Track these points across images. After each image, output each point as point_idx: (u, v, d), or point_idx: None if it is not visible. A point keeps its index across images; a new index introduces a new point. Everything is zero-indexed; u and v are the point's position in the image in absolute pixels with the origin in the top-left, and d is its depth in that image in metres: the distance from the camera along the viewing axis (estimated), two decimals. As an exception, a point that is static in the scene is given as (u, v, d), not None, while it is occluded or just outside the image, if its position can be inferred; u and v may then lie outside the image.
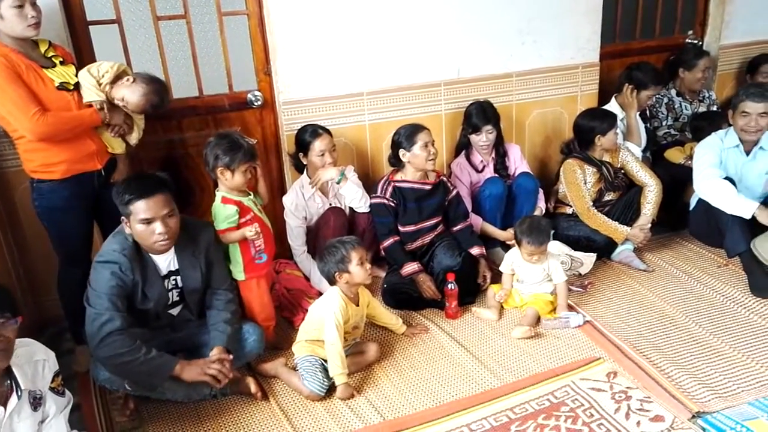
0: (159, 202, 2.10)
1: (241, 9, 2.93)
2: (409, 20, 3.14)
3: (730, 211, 2.85)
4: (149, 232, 2.11)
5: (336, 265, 2.38)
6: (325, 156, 2.92)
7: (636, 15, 3.83)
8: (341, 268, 2.38)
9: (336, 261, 2.38)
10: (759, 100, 2.89)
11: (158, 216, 2.10)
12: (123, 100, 2.38)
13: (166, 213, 2.12)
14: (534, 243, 2.69)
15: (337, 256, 2.38)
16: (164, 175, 2.22)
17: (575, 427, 2.10)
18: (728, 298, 2.83)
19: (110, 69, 2.36)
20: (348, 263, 2.37)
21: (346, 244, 2.41)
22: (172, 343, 2.35)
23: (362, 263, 2.39)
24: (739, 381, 2.28)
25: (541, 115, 3.60)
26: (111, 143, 2.47)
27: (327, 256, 2.42)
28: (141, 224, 2.10)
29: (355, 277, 2.39)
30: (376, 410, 2.26)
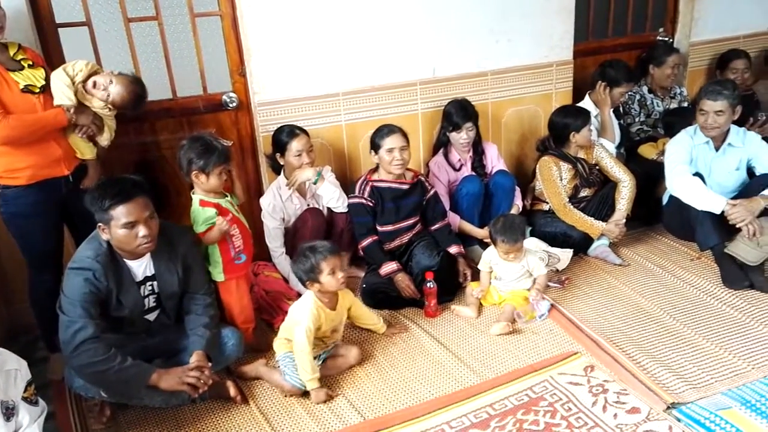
0: (140, 205, 2.09)
1: (213, 10, 2.91)
2: (384, 20, 3.14)
3: (701, 207, 2.90)
4: (132, 236, 2.08)
5: (306, 274, 2.34)
6: (303, 156, 2.91)
7: (608, 13, 3.88)
8: (311, 278, 2.34)
9: (306, 270, 2.34)
10: (715, 98, 2.94)
11: (141, 219, 2.08)
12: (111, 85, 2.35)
13: (147, 215, 2.11)
14: (508, 242, 2.72)
15: (306, 265, 2.34)
16: (137, 177, 2.19)
17: (554, 422, 2.12)
18: (701, 290, 2.88)
19: (84, 67, 2.34)
20: (319, 273, 2.32)
21: (317, 254, 2.34)
22: (149, 349, 2.32)
23: (334, 272, 2.33)
24: (713, 372, 2.32)
25: (517, 113, 3.63)
26: (81, 148, 2.43)
27: (298, 262, 2.38)
28: (124, 229, 2.07)
29: (327, 287, 2.36)
30: (356, 410, 2.26)
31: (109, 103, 2.40)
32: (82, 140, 2.42)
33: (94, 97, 2.38)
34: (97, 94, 2.38)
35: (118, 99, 2.40)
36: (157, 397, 2.22)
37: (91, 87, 2.36)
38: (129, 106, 2.45)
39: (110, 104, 2.41)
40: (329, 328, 2.41)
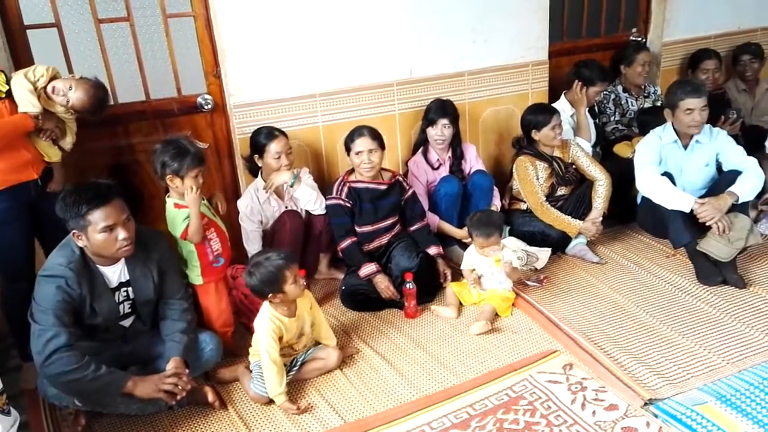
0: (117, 208, 2.06)
1: (186, 11, 2.87)
2: (361, 20, 3.14)
3: (670, 207, 2.94)
4: (112, 239, 2.05)
5: (270, 286, 2.26)
6: (282, 158, 2.89)
7: (582, 14, 3.92)
8: (275, 289, 2.27)
9: (269, 282, 2.25)
10: (698, 95, 2.97)
11: (119, 221, 2.05)
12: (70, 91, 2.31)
13: (125, 217, 2.08)
14: (482, 235, 2.74)
15: (269, 277, 2.25)
16: (109, 180, 2.14)
17: (533, 420, 2.13)
18: (676, 287, 2.92)
19: (45, 72, 2.30)
20: (283, 283, 2.27)
21: (279, 265, 2.26)
22: (125, 356, 2.29)
23: (296, 280, 2.30)
24: (689, 367, 2.35)
25: (494, 113, 3.65)
26: (46, 151, 2.40)
27: (257, 275, 2.27)
28: (103, 233, 2.03)
29: (290, 296, 2.32)
30: (336, 413, 2.25)
31: (70, 108, 2.37)
32: (47, 144, 2.39)
33: (54, 102, 2.34)
34: (57, 99, 2.34)
35: (78, 104, 2.37)
36: (133, 405, 2.18)
37: (50, 92, 2.33)
38: (90, 111, 2.41)
39: (71, 109, 2.37)
40: (293, 335, 2.38)
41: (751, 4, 4.24)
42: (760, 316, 2.64)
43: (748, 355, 2.39)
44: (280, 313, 2.33)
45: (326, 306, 2.99)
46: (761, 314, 2.66)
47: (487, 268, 2.83)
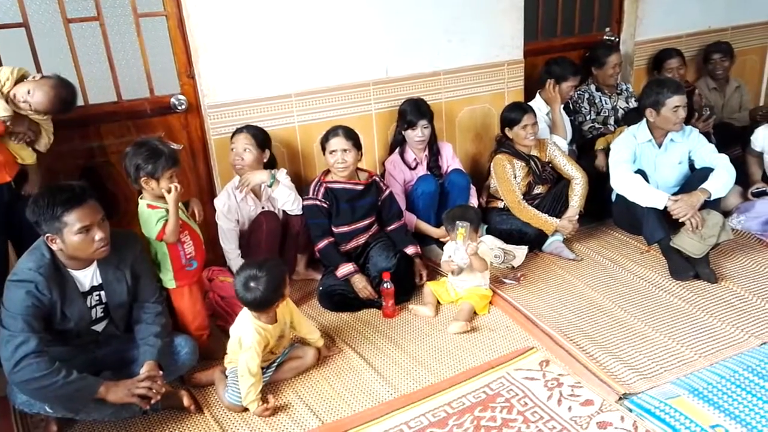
0: (92, 209, 2.03)
1: (158, 10, 2.83)
2: (336, 20, 3.13)
3: (644, 204, 2.98)
4: (88, 241, 2.02)
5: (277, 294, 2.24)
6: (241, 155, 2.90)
7: (556, 13, 3.96)
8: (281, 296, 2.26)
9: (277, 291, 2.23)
10: (682, 92, 3.02)
11: (95, 222, 2.02)
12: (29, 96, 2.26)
13: (100, 218, 2.05)
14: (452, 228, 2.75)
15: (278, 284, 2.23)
16: (81, 182, 2.10)
17: (510, 417, 2.14)
18: (650, 282, 2.96)
19: (11, 75, 2.25)
20: (285, 289, 2.26)
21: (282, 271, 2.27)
22: (98, 362, 2.24)
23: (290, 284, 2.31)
24: (662, 361, 2.39)
25: (471, 112, 3.66)
26: (20, 154, 2.35)
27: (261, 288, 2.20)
28: (79, 234, 1.99)
29: (285, 299, 2.32)
30: (314, 414, 2.24)
31: (35, 111, 2.32)
32: (20, 146, 2.34)
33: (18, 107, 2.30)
34: (21, 105, 2.29)
35: (41, 107, 2.33)
36: (106, 411, 2.14)
37: (13, 98, 2.28)
38: (55, 111, 2.37)
39: (35, 111, 2.32)
40: (276, 336, 2.36)
41: (721, 3, 4.31)
42: (731, 309, 2.69)
43: (719, 349, 2.43)
44: (264, 321, 2.30)
45: (304, 307, 2.97)
46: (732, 308, 2.70)
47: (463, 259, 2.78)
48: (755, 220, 3.35)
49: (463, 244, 2.72)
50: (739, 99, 4.28)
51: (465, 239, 2.71)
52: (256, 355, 2.23)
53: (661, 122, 3.08)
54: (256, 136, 2.95)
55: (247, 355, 2.23)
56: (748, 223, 3.37)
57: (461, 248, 2.73)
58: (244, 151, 2.90)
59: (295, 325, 2.48)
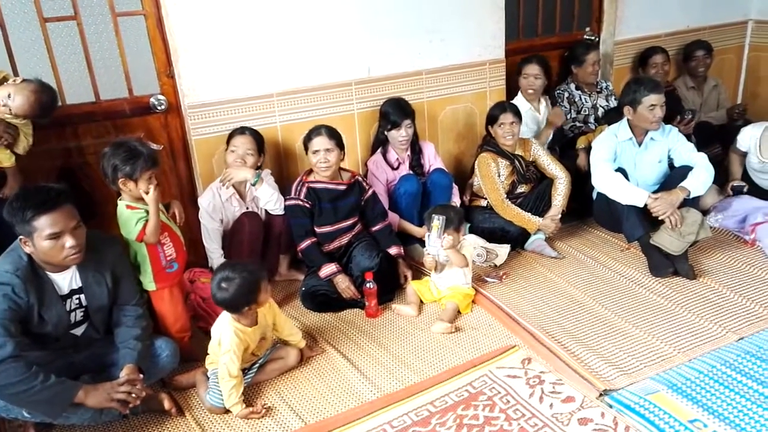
0: (65, 214, 1.98)
1: (137, 9, 2.80)
2: (317, 19, 3.12)
3: (625, 202, 3.02)
4: (59, 247, 1.98)
5: (247, 298, 2.21)
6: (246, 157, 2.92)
7: (537, 13, 3.98)
8: (253, 300, 2.23)
9: (248, 293, 2.21)
10: (659, 91, 3.06)
11: (67, 229, 1.98)
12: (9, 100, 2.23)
13: (73, 225, 2.00)
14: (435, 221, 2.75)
15: (250, 288, 2.21)
16: (60, 185, 2.06)
17: (493, 415, 2.15)
18: (630, 279, 3.00)
19: None
20: (259, 293, 2.23)
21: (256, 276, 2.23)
22: (77, 366, 2.21)
23: (267, 289, 2.28)
24: (642, 357, 2.41)
25: (453, 111, 3.67)
26: None
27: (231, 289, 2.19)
28: (49, 240, 1.95)
29: (262, 304, 2.30)
30: (297, 415, 2.23)
31: (14, 115, 2.28)
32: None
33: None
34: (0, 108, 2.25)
35: (21, 112, 2.29)
36: (85, 415, 2.11)
37: None
38: (35, 116, 2.33)
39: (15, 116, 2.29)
40: (256, 338, 2.35)
41: (698, 3, 4.37)
42: (709, 305, 2.73)
43: (698, 344, 2.46)
44: (244, 324, 2.28)
45: (287, 307, 2.96)
46: (710, 304, 2.74)
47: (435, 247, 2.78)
48: (732, 218, 3.40)
49: (438, 237, 2.72)
50: (716, 98, 4.34)
51: (439, 230, 2.70)
52: (235, 357, 2.22)
53: (638, 120, 3.11)
54: (257, 140, 2.96)
55: (225, 357, 2.22)
56: (725, 221, 3.42)
57: (435, 239, 2.73)
58: (246, 155, 2.89)
59: (277, 327, 2.47)
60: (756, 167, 3.49)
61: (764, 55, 4.64)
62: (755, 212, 3.30)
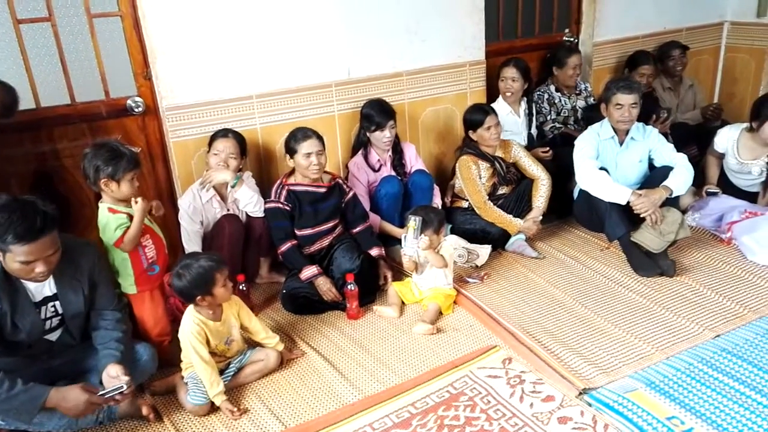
0: (45, 245, 1.92)
1: (113, 10, 2.77)
2: (297, 21, 3.11)
3: (608, 199, 3.04)
4: (28, 270, 1.94)
5: (199, 288, 2.22)
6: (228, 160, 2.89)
7: (517, 14, 4.00)
8: (205, 291, 2.23)
9: (199, 284, 2.21)
10: (629, 92, 3.10)
11: (42, 257, 1.93)
12: None
13: (50, 253, 1.95)
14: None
15: (200, 279, 2.21)
16: (51, 209, 1.96)
17: (473, 415, 2.15)
18: (610, 279, 3.02)
19: None
20: (213, 286, 2.24)
21: (210, 267, 2.23)
22: (52, 372, 2.18)
23: (225, 283, 2.27)
24: (621, 356, 2.43)
25: (434, 113, 3.68)
26: None
27: (186, 277, 2.22)
28: (20, 264, 1.91)
29: (219, 299, 2.29)
30: (277, 419, 2.21)
31: None
32: None
33: None
34: None
35: None
36: (61, 421, 2.07)
37: None
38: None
39: None
40: (220, 340, 2.33)
41: (675, 5, 4.43)
42: (686, 304, 2.76)
43: (675, 342, 2.49)
44: (205, 316, 2.28)
45: (267, 310, 2.95)
46: (688, 302, 2.77)
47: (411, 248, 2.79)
48: (709, 217, 3.45)
49: (414, 237, 2.72)
50: (692, 98, 4.40)
51: (416, 231, 2.71)
52: (197, 342, 2.22)
53: (609, 118, 3.17)
54: (240, 143, 2.94)
55: (190, 344, 2.22)
56: (702, 220, 3.46)
57: (411, 240, 2.73)
58: (230, 158, 2.88)
59: (250, 330, 2.46)
60: (734, 168, 3.54)
61: (740, 56, 4.72)
62: (731, 211, 3.35)
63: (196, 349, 2.22)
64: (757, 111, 3.34)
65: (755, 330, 2.53)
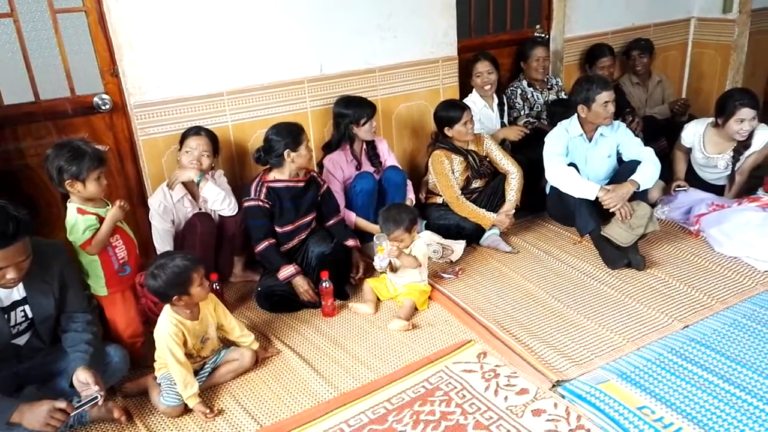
0: (16, 251, 1.88)
1: (77, 6, 2.71)
2: (267, 16, 3.07)
3: (577, 195, 3.09)
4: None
5: (175, 288, 2.19)
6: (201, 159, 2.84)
7: (488, 11, 4.02)
8: (181, 291, 2.21)
9: (176, 284, 2.18)
10: (610, 88, 3.15)
11: (13, 263, 1.88)
12: None
13: (21, 260, 1.91)
14: (384, 229, 2.78)
15: (176, 279, 2.18)
16: (23, 213, 1.90)
17: (449, 410, 2.16)
18: (582, 272, 3.06)
19: None
20: (190, 285, 2.21)
21: (187, 266, 2.20)
22: (20, 376, 2.13)
23: (202, 283, 2.24)
24: (593, 348, 2.47)
25: (407, 109, 3.68)
26: None
27: (161, 277, 2.18)
28: None
29: (196, 298, 2.26)
30: (252, 418, 2.19)
31: None
32: None
33: None
34: None
35: None
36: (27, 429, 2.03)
37: None
38: None
39: None
40: (197, 339, 2.31)
41: (643, 1, 4.49)
42: (656, 295, 2.81)
43: (646, 333, 2.53)
44: (182, 316, 2.25)
45: (242, 309, 2.92)
46: (658, 293, 2.82)
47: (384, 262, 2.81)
48: (678, 210, 3.51)
49: (385, 256, 2.75)
50: (661, 93, 4.47)
51: (385, 251, 2.74)
52: (174, 344, 2.19)
53: (593, 117, 3.18)
54: (213, 140, 2.90)
55: (167, 345, 2.19)
56: (671, 213, 3.53)
57: (381, 257, 2.76)
58: (202, 156, 2.83)
59: (225, 329, 2.43)
60: (701, 162, 3.62)
61: (707, 51, 4.81)
62: (699, 204, 3.42)
63: (171, 351, 2.19)
64: (722, 107, 3.40)
65: (722, 320, 2.59)
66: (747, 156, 3.45)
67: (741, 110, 3.30)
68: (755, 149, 3.43)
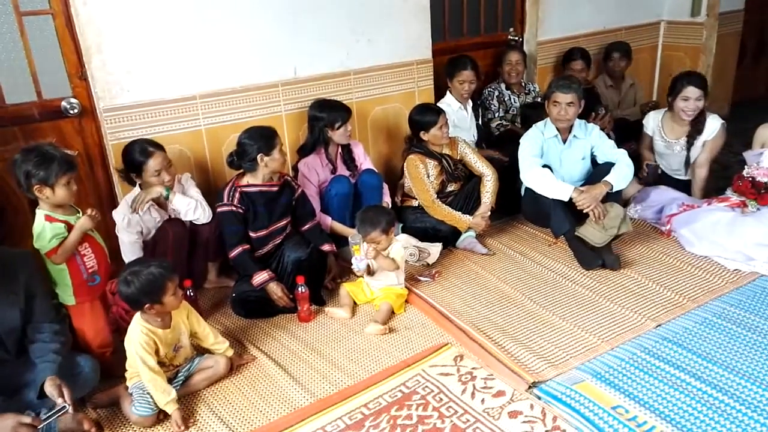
0: None
1: (43, 8, 2.65)
2: (241, 19, 3.05)
3: (551, 196, 3.11)
4: None
5: (148, 296, 2.15)
6: (162, 174, 2.72)
7: (462, 14, 4.04)
8: (155, 300, 2.16)
9: (149, 292, 2.14)
10: (567, 91, 3.18)
11: None
12: None
13: None
14: (361, 231, 2.78)
15: (150, 287, 2.13)
16: None
17: (426, 414, 2.16)
18: (557, 273, 3.09)
19: None
20: (163, 294, 2.17)
21: (161, 274, 2.15)
22: (-14, 388, 2.07)
23: (175, 291, 2.20)
24: (569, 348, 2.48)
25: (382, 112, 3.68)
26: None
27: (136, 284, 2.13)
28: None
29: (169, 307, 2.22)
30: (226, 426, 2.16)
31: None
32: None
33: None
34: None
35: None
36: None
37: None
38: None
39: None
40: (169, 348, 2.27)
41: (614, 5, 4.57)
42: (630, 295, 2.85)
43: (620, 333, 2.56)
44: (154, 325, 2.21)
45: (217, 315, 2.88)
46: (631, 293, 2.86)
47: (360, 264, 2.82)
48: (650, 209, 3.57)
49: (362, 257, 2.76)
50: (633, 95, 4.55)
51: (362, 252, 2.75)
52: (145, 353, 2.15)
53: (550, 115, 3.25)
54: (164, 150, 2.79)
55: (138, 354, 2.15)
56: (643, 212, 3.58)
57: (360, 259, 2.77)
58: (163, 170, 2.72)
59: (199, 336, 2.40)
60: (662, 150, 3.69)
61: (676, 54, 4.91)
62: (671, 203, 3.47)
63: (144, 360, 2.15)
64: (672, 86, 3.53)
65: (694, 318, 2.63)
66: (701, 143, 3.54)
67: (687, 88, 3.44)
68: (707, 138, 3.54)
